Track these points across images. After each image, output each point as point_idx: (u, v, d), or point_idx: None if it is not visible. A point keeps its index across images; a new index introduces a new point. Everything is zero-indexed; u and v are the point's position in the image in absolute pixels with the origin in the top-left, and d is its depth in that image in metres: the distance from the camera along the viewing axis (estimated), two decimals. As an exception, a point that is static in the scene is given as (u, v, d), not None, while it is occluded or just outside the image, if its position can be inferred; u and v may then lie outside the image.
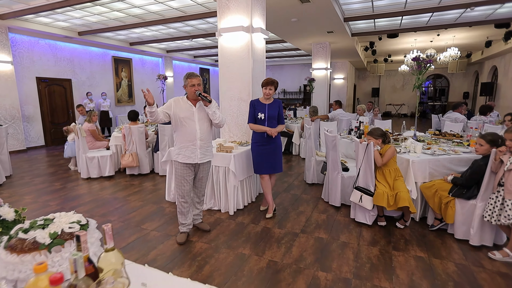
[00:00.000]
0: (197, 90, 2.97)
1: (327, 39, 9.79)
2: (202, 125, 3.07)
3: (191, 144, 3.02)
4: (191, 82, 2.97)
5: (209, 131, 3.18)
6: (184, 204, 3.16)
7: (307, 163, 5.23)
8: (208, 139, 3.15)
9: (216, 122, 3.11)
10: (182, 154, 3.04)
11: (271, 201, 3.83)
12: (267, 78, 3.71)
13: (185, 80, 3.03)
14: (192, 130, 3.01)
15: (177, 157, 3.07)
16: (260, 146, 3.76)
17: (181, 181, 3.10)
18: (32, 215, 3.85)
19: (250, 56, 4.47)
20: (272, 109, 3.74)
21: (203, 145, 3.09)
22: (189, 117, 3.01)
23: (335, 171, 4.03)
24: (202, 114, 3.08)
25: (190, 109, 3.03)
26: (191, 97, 3.04)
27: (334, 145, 3.96)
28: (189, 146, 3.03)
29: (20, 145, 8.31)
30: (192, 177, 3.15)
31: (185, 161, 3.04)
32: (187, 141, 3.02)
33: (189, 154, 3.03)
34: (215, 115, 3.06)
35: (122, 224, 3.60)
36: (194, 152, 3.04)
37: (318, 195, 4.59)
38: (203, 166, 3.21)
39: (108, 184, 5.25)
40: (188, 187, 3.13)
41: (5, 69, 7.91)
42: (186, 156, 3.03)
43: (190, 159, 3.04)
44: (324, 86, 10.71)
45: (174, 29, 9.29)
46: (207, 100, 2.94)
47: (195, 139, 3.02)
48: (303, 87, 17.62)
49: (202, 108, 3.08)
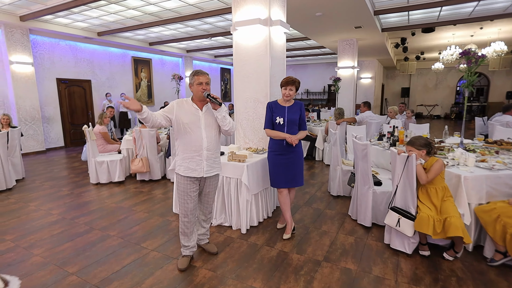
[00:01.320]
0: (205, 90, 2.52)
1: (355, 36, 9.08)
2: (210, 132, 2.62)
3: (196, 155, 2.58)
4: (198, 79, 2.53)
5: (217, 140, 2.72)
6: (188, 224, 2.71)
7: (332, 173, 4.64)
8: (216, 149, 2.70)
9: (226, 129, 2.65)
10: (185, 166, 2.60)
11: (289, 219, 3.31)
12: (287, 77, 3.20)
13: (191, 78, 2.59)
14: (197, 138, 2.56)
15: (179, 169, 2.64)
16: (278, 155, 3.25)
17: (184, 198, 2.66)
18: (31, 225, 3.58)
19: (268, 52, 3.97)
20: (293, 112, 3.22)
21: (210, 156, 2.63)
22: (194, 123, 2.56)
23: (366, 185, 3.44)
24: (210, 120, 2.63)
25: (196, 114, 2.58)
26: (198, 98, 2.59)
27: (364, 154, 3.37)
28: (193, 157, 2.58)
29: (40, 146, 8.32)
30: (196, 193, 2.71)
31: (188, 175, 2.60)
32: (191, 151, 2.58)
33: (193, 167, 2.59)
34: (224, 121, 2.60)
35: (121, 240, 3.22)
36: (200, 164, 2.60)
37: (344, 211, 4.01)
38: (210, 180, 2.75)
39: (116, 190, 4.95)
40: (192, 204, 2.68)
41: (26, 70, 7.93)
42: (190, 169, 2.59)
43: (194, 172, 2.60)
44: (351, 86, 9.97)
45: (193, 28, 8.97)
46: (217, 103, 2.49)
47: (201, 149, 2.58)
48: (327, 87, 16.85)
49: (210, 113, 2.63)
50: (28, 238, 3.30)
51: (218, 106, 2.53)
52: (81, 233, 3.40)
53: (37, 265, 2.77)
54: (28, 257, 2.91)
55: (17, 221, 3.77)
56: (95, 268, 2.72)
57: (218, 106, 2.53)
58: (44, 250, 3.04)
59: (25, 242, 3.21)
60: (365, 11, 6.54)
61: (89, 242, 3.19)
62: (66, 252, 2.99)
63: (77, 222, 3.69)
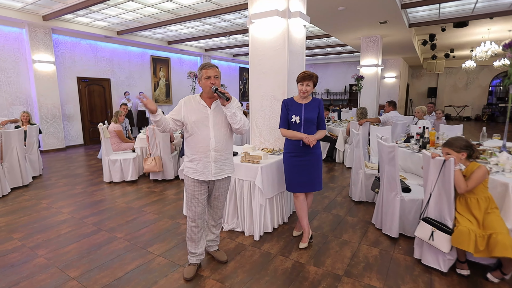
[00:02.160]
0: (213, 85, 2.30)
1: (379, 32, 8.61)
2: (218, 131, 2.39)
3: (203, 157, 2.36)
4: (206, 73, 2.31)
5: (228, 140, 2.48)
6: (195, 229, 2.50)
7: (354, 176, 4.30)
8: (226, 150, 2.46)
9: (237, 127, 2.40)
10: (193, 168, 2.39)
11: (306, 226, 3.03)
12: (304, 72, 2.93)
13: (199, 71, 2.38)
14: (204, 138, 2.34)
15: (187, 171, 2.43)
16: (294, 157, 2.97)
17: (191, 201, 2.45)
18: (40, 224, 3.50)
19: (286, 47, 3.70)
20: (310, 110, 2.94)
21: (219, 158, 2.40)
22: (202, 121, 2.34)
23: (392, 191, 3.09)
24: (219, 118, 2.40)
25: (204, 111, 2.36)
26: (207, 94, 2.37)
27: (391, 157, 3.03)
28: (201, 159, 2.36)
29: (60, 143, 8.46)
30: (205, 196, 2.49)
31: (196, 177, 2.39)
32: (198, 152, 2.36)
33: (201, 169, 2.37)
34: (235, 118, 2.35)
35: (127, 244, 3.06)
36: (208, 167, 2.38)
37: (367, 218, 3.67)
38: (220, 183, 2.52)
39: (129, 189, 4.84)
40: (200, 208, 2.47)
41: (48, 69, 8.08)
42: (198, 172, 2.38)
43: (202, 175, 2.38)
44: (374, 85, 9.49)
45: (210, 25, 8.84)
46: (224, 98, 2.25)
47: (208, 150, 2.35)
48: (348, 87, 16.30)
49: (219, 110, 2.40)
50: (35, 237, 3.21)
51: (227, 102, 2.29)
52: (88, 234, 3.28)
53: (40, 267, 2.65)
54: (32, 258, 2.80)
55: (27, 219, 3.71)
56: (97, 273, 2.56)
57: (227, 102, 2.29)
58: (48, 251, 2.92)
59: (31, 242, 3.12)
60: (392, 4, 6.12)
61: (95, 244, 3.05)
62: (70, 254, 2.86)
63: (85, 222, 3.58)
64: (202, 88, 2.37)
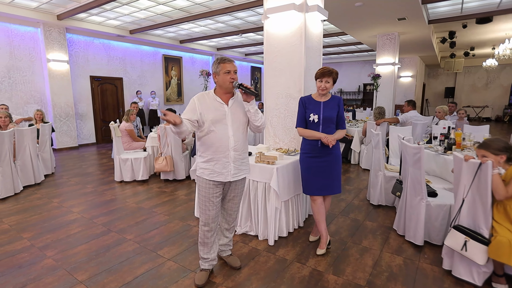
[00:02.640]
0: (234, 80, 2.17)
1: (397, 29, 8.32)
2: (237, 130, 2.25)
3: (222, 157, 2.22)
4: (225, 67, 2.16)
5: (245, 138, 2.36)
6: (208, 234, 2.36)
7: (373, 179, 4.09)
8: (243, 149, 2.33)
9: (258, 125, 2.28)
10: (210, 169, 2.23)
11: (324, 232, 2.85)
12: (323, 67, 2.76)
13: (215, 66, 2.21)
14: (223, 137, 2.20)
15: (202, 172, 2.27)
16: (311, 158, 2.81)
17: (205, 204, 2.30)
18: (50, 223, 3.44)
19: (303, 42, 3.54)
20: (329, 108, 2.78)
21: (237, 157, 2.27)
22: (220, 120, 2.19)
23: (417, 195, 2.88)
24: (237, 115, 2.26)
25: (221, 109, 2.21)
26: (224, 90, 2.23)
27: (417, 159, 2.82)
28: (219, 159, 2.22)
29: (73, 142, 8.50)
30: (219, 198, 2.35)
31: (214, 179, 2.24)
32: (217, 153, 2.21)
33: (219, 170, 2.23)
34: (257, 115, 2.24)
35: (137, 246, 2.95)
36: (227, 167, 2.24)
37: (387, 224, 3.46)
38: (236, 184, 2.39)
39: (139, 189, 4.76)
40: (215, 211, 2.33)
41: (62, 68, 8.13)
42: (216, 172, 2.23)
43: (220, 176, 2.24)
44: (390, 85, 9.18)
45: (223, 24, 8.73)
46: (253, 93, 2.14)
47: (228, 150, 2.21)
48: (362, 87, 15.94)
49: (237, 107, 2.27)
50: (44, 237, 3.14)
51: (253, 97, 2.19)
52: (97, 235, 3.19)
53: (47, 269, 2.56)
54: (40, 259, 2.72)
55: (38, 217, 3.66)
56: (105, 277, 2.45)
57: (253, 97, 2.19)
58: (57, 252, 2.84)
59: (41, 242, 3.05)
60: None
61: (104, 246, 2.96)
62: (79, 256, 2.77)
63: (95, 223, 3.50)
64: (220, 83, 2.21)
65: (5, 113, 4.89)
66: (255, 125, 2.28)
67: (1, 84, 7.35)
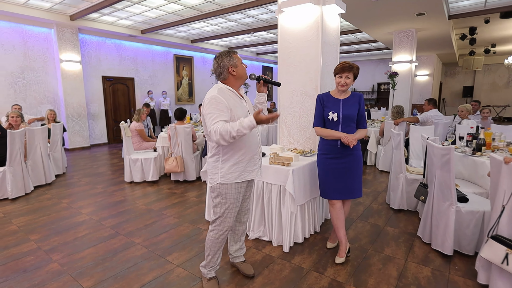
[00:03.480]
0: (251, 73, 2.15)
1: (415, 25, 7.99)
2: None
3: (255, 154, 2.11)
4: (239, 58, 2.05)
5: None
6: (223, 240, 2.19)
7: (393, 181, 3.86)
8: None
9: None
10: (240, 171, 2.03)
11: (343, 238, 2.65)
12: (343, 62, 2.57)
13: (228, 59, 1.99)
14: (255, 135, 2.12)
15: (230, 177, 2.02)
16: (330, 159, 2.61)
17: (232, 211, 2.10)
18: (58, 225, 3.35)
19: (320, 37, 3.35)
20: (350, 106, 2.59)
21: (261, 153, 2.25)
22: (246, 115, 2.01)
23: (446, 200, 2.65)
24: (251, 108, 2.21)
25: (241, 103, 2.06)
26: (242, 81, 2.10)
27: (446, 161, 2.59)
28: (253, 157, 2.10)
29: (85, 142, 8.52)
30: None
31: (246, 178, 2.09)
32: (250, 151, 2.07)
33: (251, 168, 2.11)
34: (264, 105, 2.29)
35: (145, 251, 2.82)
36: (257, 163, 2.16)
37: (410, 230, 3.22)
38: (252, 182, 2.34)
39: (149, 190, 4.65)
40: (234, 216, 2.18)
41: (74, 68, 8.15)
42: (247, 171, 2.08)
43: (252, 173, 2.12)
44: (407, 83, 8.85)
45: (234, 22, 8.59)
46: (277, 84, 2.26)
47: (258, 146, 2.15)
48: (376, 86, 15.54)
49: (248, 99, 2.21)
50: (51, 240, 3.05)
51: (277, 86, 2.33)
52: (105, 238, 3.07)
53: (52, 274, 2.46)
54: (46, 263, 2.62)
55: (46, 219, 3.58)
56: (111, 283, 2.32)
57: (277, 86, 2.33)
58: (63, 256, 2.74)
59: (48, 244, 2.95)
60: (432, -8, 5.57)
61: (111, 250, 2.84)
62: (85, 261, 2.65)
63: (103, 225, 3.39)
64: (240, 74, 2.04)
65: (17, 112, 4.87)
66: None
67: (16, 84, 7.42)
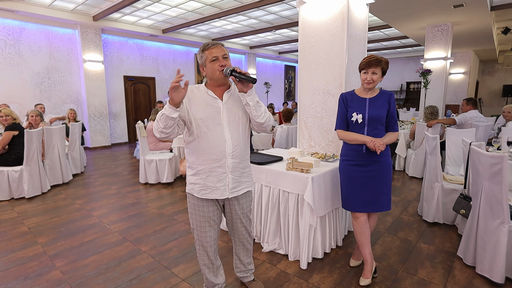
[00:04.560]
0: (224, 67, 1.67)
1: (451, 19, 7.35)
2: (235, 131, 1.78)
3: (217, 166, 1.74)
4: (211, 54, 1.68)
5: (246, 142, 1.87)
6: (210, 256, 1.91)
7: (427, 190, 3.44)
8: (244, 155, 1.85)
9: (261, 121, 1.77)
10: (200, 184, 1.77)
11: (369, 257, 2.31)
12: (369, 56, 2.26)
13: (199, 55, 1.74)
14: (218, 141, 1.72)
15: (191, 188, 1.81)
16: (354, 166, 2.29)
17: (202, 225, 1.84)
18: (67, 228, 3.25)
19: (346, 29, 3.02)
20: (377, 106, 2.26)
21: (237, 167, 1.79)
22: (212, 118, 1.72)
23: (496, 218, 2.24)
24: (235, 112, 1.78)
25: (214, 104, 1.74)
26: (215, 82, 1.75)
27: (496, 172, 2.18)
28: (213, 170, 1.74)
29: (106, 141, 8.62)
30: (219, 216, 1.91)
31: (206, 196, 1.77)
32: (210, 161, 1.74)
33: (213, 184, 1.75)
34: (259, 109, 1.74)
35: (151, 260, 2.63)
36: (223, 180, 1.76)
37: (449, 248, 2.81)
38: (239, 201, 1.90)
39: (163, 193, 4.51)
40: (214, 232, 1.88)
41: (97, 68, 8.26)
42: (210, 188, 1.76)
43: (215, 191, 1.76)
44: (440, 82, 8.17)
45: (255, 19, 8.34)
46: (248, 80, 1.63)
47: (224, 157, 1.74)
48: (405, 85, 14.73)
49: (233, 102, 1.79)
50: (58, 244, 2.94)
51: (251, 86, 1.68)
52: (111, 244, 2.92)
53: (52, 283, 2.31)
54: (48, 270, 2.49)
55: (57, 221, 3.50)
56: (111, 298, 2.14)
57: (251, 86, 1.68)
58: (67, 263, 2.60)
59: (54, 249, 2.84)
60: (473, -20, 5.02)
61: (116, 258, 2.67)
62: (88, 269, 2.50)
63: (112, 230, 3.25)
64: (209, 74, 1.73)
65: (36, 111, 4.90)
66: (258, 122, 1.76)
67: (41, 84, 7.61)
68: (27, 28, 7.26)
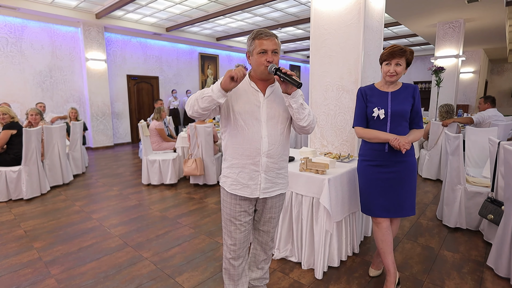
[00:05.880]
0: (271, 63, 1.52)
1: (463, 15, 7.11)
2: (273, 129, 1.61)
3: (250, 163, 1.60)
4: (261, 45, 1.52)
5: (285, 141, 1.70)
6: (235, 263, 1.75)
7: (448, 194, 3.21)
8: (281, 156, 1.68)
9: (304, 125, 1.62)
10: (232, 178, 1.64)
11: (392, 267, 2.10)
12: (392, 45, 2.04)
13: (249, 42, 1.58)
14: (253, 137, 1.58)
15: (224, 181, 1.69)
16: (375, 167, 2.09)
17: (230, 224, 1.70)
18: (65, 232, 3.07)
19: (362, 20, 2.81)
20: (401, 100, 2.06)
21: (271, 167, 1.63)
22: (251, 113, 1.58)
23: (533, 225, 2.01)
24: (276, 109, 1.62)
25: (255, 97, 1.59)
26: (259, 75, 1.59)
27: (535, 174, 1.95)
28: (245, 166, 1.61)
29: (109, 141, 8.46)
30: (250, 219, 1.73)
31: (236, 192, 1.63)
32: (244, 156, 1.60)
33: (245, 181, 1.62)
34: (302, 112, 1.59)
35: (152, 268, 2.43)
36: (255, 178, 1.61)
37: (476, 257, 2.59)
38: (273, 202, 1.74)
39: (167, 194, 4.31)
40: (243, 234, 1.71)
41: (100, 67, 8.11)
42: (240, 184, 1.62)
43: (246, 189, 1.62)
44: (452, 80, 7.92)
45: (261, 17, 8.15)
46: (293, 83, 1.46)
47: (258, 155, 1.59)
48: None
49: (275, 98, 1.63)
50: (55, 249, 2.76)
51: (295, 88, 1.52)
52: (111, 250, 2.73)
53: (46, 294, 2.13)
54: (42, 278, 2.31)
55: (55, 224, 3.32)
56: (109, 311, 1.94)
57: (295, 88, 1.52)
58: (63, 270, 2.41)
59: (49, 255, 2.66)
60: (491, -27, 4.79)
61: (115, 265, 2.48)
62: (85, 278, 2.31)
63: (112, 234, 3.06)
64: (253, 66, 1.59)
65: (36, 110, 4.74)
66: (300, 125, 1.61)
67: (43, 83, 7.47)
68: (29, 26, 7.12)
